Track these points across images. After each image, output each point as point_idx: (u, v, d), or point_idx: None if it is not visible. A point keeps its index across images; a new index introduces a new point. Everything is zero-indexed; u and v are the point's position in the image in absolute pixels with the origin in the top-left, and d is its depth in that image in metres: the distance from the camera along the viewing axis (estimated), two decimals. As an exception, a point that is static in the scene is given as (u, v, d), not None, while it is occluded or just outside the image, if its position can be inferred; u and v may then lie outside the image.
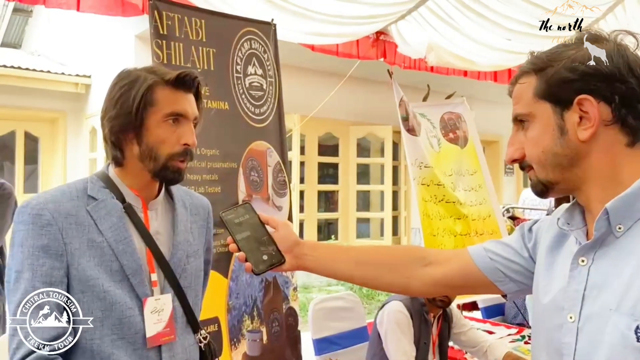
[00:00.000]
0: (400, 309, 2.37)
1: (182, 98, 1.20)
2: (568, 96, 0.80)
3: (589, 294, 0.80)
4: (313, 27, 3.16)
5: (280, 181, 2.50)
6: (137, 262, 1.16)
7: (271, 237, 1.06)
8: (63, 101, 6.00)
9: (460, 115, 3.58)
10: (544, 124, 0.83)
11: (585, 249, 0.82)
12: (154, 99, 1.16)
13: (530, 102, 0.84)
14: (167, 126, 1.18)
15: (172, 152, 1.18)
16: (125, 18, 2.68)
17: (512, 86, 0.90)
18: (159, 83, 1.18)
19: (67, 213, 1.11)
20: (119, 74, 1.23)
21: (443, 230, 3.13)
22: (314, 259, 1.09)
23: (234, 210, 1.08)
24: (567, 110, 0.81)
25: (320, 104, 4.58)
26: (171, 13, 2.07)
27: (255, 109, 2.42)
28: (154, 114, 1.17)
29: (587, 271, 0.81)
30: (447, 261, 1.07)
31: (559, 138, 0.81)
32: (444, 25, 3.58)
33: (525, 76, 0.86)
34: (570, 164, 0.82)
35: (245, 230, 1.05)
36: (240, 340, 2.22)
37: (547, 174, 0.84)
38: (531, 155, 0.85)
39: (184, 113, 1.19)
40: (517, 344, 2.89)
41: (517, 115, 0.87)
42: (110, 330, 1.12)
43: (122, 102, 1.16)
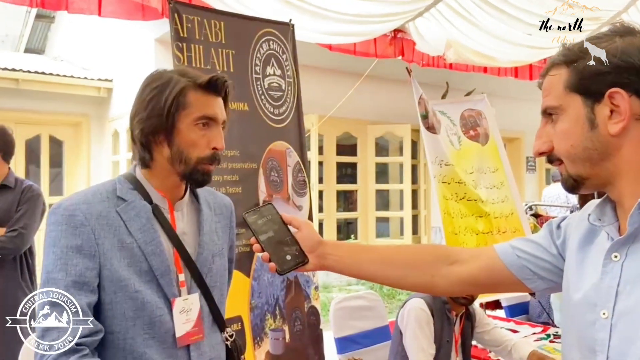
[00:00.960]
0: (421, 306, 2.36)
1: (212, 101, 1.20)
2: (599, 89, 0.79)
3: (623, 290, 0.79)
4: (330, 26, 3.17)
5: (300, 181, 2.52)
6: (165, 263, 1.17)
7: (294, 237, 1.06)
8: (86, 105, 6.11)
9: (481, 112, 3.55)
10: (574, 117, 0.82)
11: (618, 244, 0.81)
12: (186, 102, 1.17)
13: (561, 94, 0.83)
14: (197, 129, 1.18)
15: (202, 156, 1.19)
16: (145, 22, 2.73)
17: (542, 78, 0.88)
18: (191, 86, 1.18)
19: (98, 214, 1.13)
20: (150, 75, 1.24)
21: (465, 228, 3.11)
22: (337, 258, 1.09)
23: (257, 211, 1.08)
24: (598, 103, 0.80)
25: (338, 104, 4.58)
26: (191, 16, 2.09)
27: (274, 110, 2.44)
28: (185, 117, 1.17)
29: (620, 267, 0.80)
30: (473, 259, 1.06)
31: (589, 132, 0.80)
32: (462, 22, 3.55)
33: (556, 68, 0.85)
34: (600, 158, 0.80)
35: (268, 231, 1.05)
36: (263, 338, 2.24)
37: (578, 168, 0.82)
38: (560, 149, 0.84)
39: (214, 117, 1.20)
40: (542, 343, 2.85)
41: (546, 108, 0.86)
42: (142, 330, 1.14)
43: (154, 104, 1.17)
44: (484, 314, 2.71)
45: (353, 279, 7.24)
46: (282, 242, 1.05)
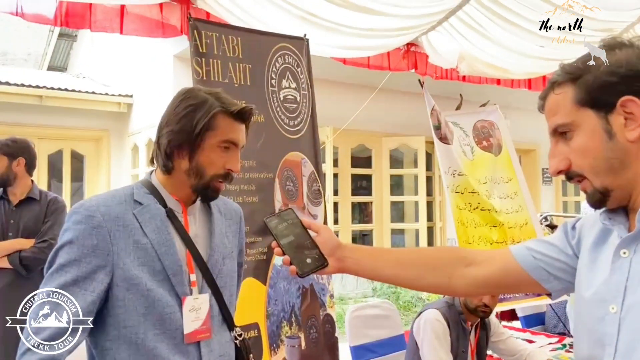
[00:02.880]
0: (437, 317, 2.37)
1: (237, 128, 1.30)
2: (611, 99, 0.81)
3: (631, 285, 0.80)
4: (344, 41, 3.23)
5: (314, 190, 2.56)
6: (178, 263, 1.24)
7: (314, 241, 1.09)
8: (106, 120, 6.24)
9: (494, 123, 3.57)
10: (590, 130, 0.83)
11: (627, 241, 0.83)
12: (215, 125, 1.26)
13: (571, 111, 0.84)
14: (219, 150, 1.27)
15: (217, 174, 1.28)
16: (165, 39, 2.82)
17: (542, 100, 0.90)
18: (223, 112, 1.27)
19: (115, 216, 1.21)
20: (187, 91, 1.33)
21: (479, 238, 3.12)
22: (356, 261, 1.11)
23: (278, 216, 1.11)
24: (610, 113, 0.82)
25: (352, 116, 4.63)
26: (209, 32, 2.18)
27: (289, 121, 2.50)
28: (211, 138, 1.26)
29: (629, 263, 0.82)
30: (489, 261, 1.08)
31: (608, 142, 0.82)
32: (475, 34, 3.58)
33: (559, 87, 0.86)
34: (621, 167, 0.82)
35: (289, 235, 1.08)
36: (279, 345, 2.27)
37: (602, 180, 0.83)
38: (582, 165, 0.84)
39: (236, 142, 1.30)
40: (558, 353, 2.83)
41: (557, 127, 0.86)
42: (153, 326, 1.20)
43: (187, 121, 1.26)
44: (498, 324, 2.71)
45: (369, 292, 7.23)
46: (303, 246, 1.08)
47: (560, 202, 8.84)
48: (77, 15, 2.52)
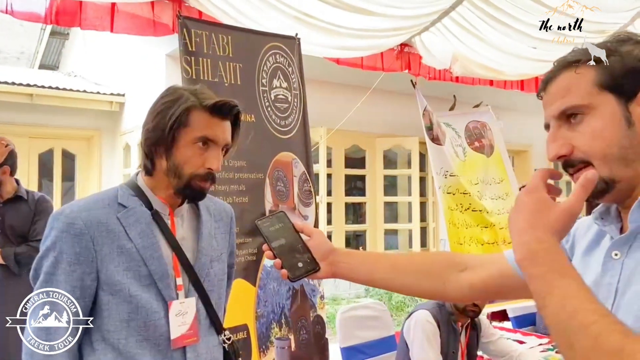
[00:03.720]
0: (428, 318, 2.37)
1: (216, 124, 1.24)
2: (633, 87, 0.78)
3: (622, 287, 0.79)
4: (338, 41, 3.23)
5: (305, 191, 2.55)
6: (164, 267, 1.21)
7: (306, 245, 1.07)
8: (98, 119, 6.20)
9: (486, 124, 3.57)
10: (609, 115, 0.79)
11: (620, 242, 0.81)
12: (189, 121, 1.21)
13: (589, 93, 0.80)
14: (195, 148, 1.22)
15: (195, 173, 1.23)
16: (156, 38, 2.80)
17: (549, 80, 0.84)
18: (197, 107, 1.22)
19: (98, 221, 1.18)
20: (167, 89, 1.29)
21: (470, 238, 3.12)
22: (349, 266, 1.09)
23: (269, 218, 1.09)
24: (630, 102, 0.79)
25: (346, 117, 4.63)
26: (199, 30, 2.16)
27: (280, 121, 2.49)
28: (185, 135, 1.21)
29: (620, 265, 0.80)
30: (484, 266, 1.06)
31: (626, 130, 0.78)
32: (468, 36, 3.59)
33: (576, 67, 0.81)
34: (635, 158, 0.79)
35: (280, 238, 1.06)
36: (268, 347, 2.26)
37: (611, 169, 0.79)
38: (591, 150, 0.79)
39: (214, 139, 1.23)
40: (549, 354, 2.83)
41: (568, 108, 0.81)
42: (136, 332, 1.18)
43: (160, 118, 1.22)
44: (489, 324, 2.71)
45: (362, 292, 7.22)
46: (294, 249, 1.06)
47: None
48: (67, 13, 2.50)
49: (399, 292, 1.23)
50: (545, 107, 0.86)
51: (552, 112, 0.83)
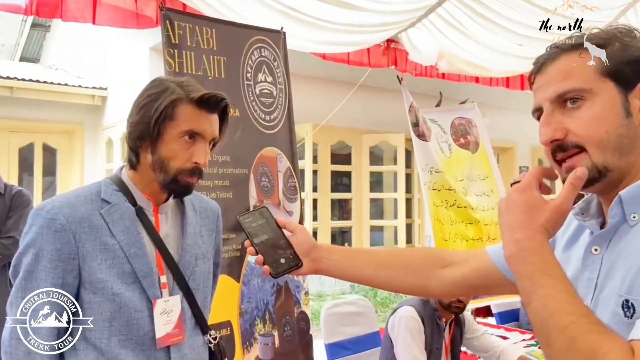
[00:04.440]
0: (412, 314, 2.37)
1: (203, 118, 1.20)
2: (633, 78, 0.78)
3: (601, 282, 0.79)
4: (324, 36, 3.20)
5: (290, 187, 2.53)
6: (148, 265, 1.19)
7: (288, 241, 1.06)
8: (80, 113, 6.11)
9: (471, 121, 3.58)
10: (609, 102, 0.78)
11: (599, 238, 0.81)
12: (175, 114, 1.18)
13: (591, 78, 0.78)
14: (182, 142, 1.19)
15: (182, 168, 1.19)
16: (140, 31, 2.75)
17: (547, 61, 0.83)
18: (183, 99, 1.19)
19: (81, 217, 1.15)
20: (151, 81, 1.25)
21: (455, 235, 3.13)
22: (332, 262, 1.08)
23: (252, 214, 1.08)
24: (629, 92, 0.78)
25: (332, 113, 4.61)
26: (182, 23, 2.12)
27: (265, 116, 2.46)
28: (171, 128, 1.18)
29: (600, 260, 0.80)
30: (466, 261, 1.06)
31: (625, 119, 0.77)
32: (454, 32, 3.59)
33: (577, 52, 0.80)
34: (629, 148, 0.78)
35: (262, 234, 1.05)
36: (252, 343, 2.24)
37: (606, 157, 0.78)
38: (588, 136, 0.78)
39: (200, 132, 1.20)
40: (532, 349, 2.85)
41: (568, 91, 0.79)
42: (119, 331, 1.16)
43: (145, 111, 1.19)
44: (473, 320, 2.72)
45: (347, 288, 7.23)
46: (277, 246, 1.05)
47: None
48: (48, 4, 2.43)
49: (382, 288, 1.23)
50: (539, 90, 0.84)
51: (549, 94, 0.81)
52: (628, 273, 0.74)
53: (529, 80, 0.89)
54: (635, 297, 0.71)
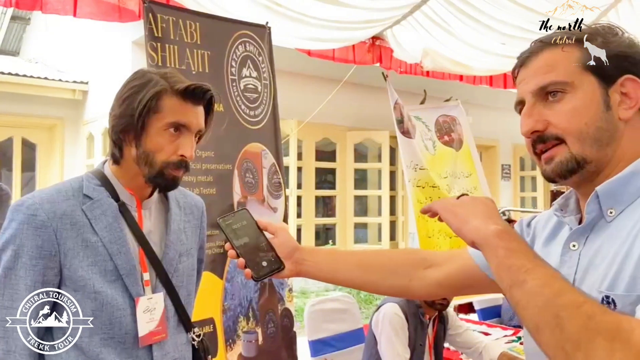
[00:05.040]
0: (396, 311, 2.37)
1: (188, 109, 1.18)
2: (613, 73, 0.80)
3: (579, 277, 0.80)
4: (309, 32, 3.19)
5: (275, 183, 2.52)
6: (131, 263, 1.16)
7: (270, 243, 1.05)
8: (60, 108, 6.00)
9: (455, 118, 3.61)
10: (590, 95, 0.80)
11: (577, 233, 0.82)
12: (159, 106, 1.15)
13: (573, 71, 0.80)
14: (167, 135, 1.17)
15: (168, 161, 1.17)
16: (122, 24, 2.70)
17: (531, 55, 0.84)
18: (168, 91, 1.16)
19: (62, 213, 1.12)
20: (134, 72, 1.22)
21: (438, 231, 3.15)
22: (314, 264, 1.08)
23: (232, 216, 1.06)
24: (610, 87, 0.80)
25: (317, 109, 4.60)
26: (165, 16, 2.09)
27: (250, 111, 2.44)
28: (156, 121, 1.16)
29: (578, 255, 0.81)
30: (448, 262, 1.07)
31: (604, 112, 0.79)
32: (439, 30, 3.60)
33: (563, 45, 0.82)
34: (608, 142, 0.79)
35: (243, 237, 1.03)
36: (235, 341, 2.22)
37: (584, 148, 0.79)
38: (568, 127, 0.80)
39: (186, 124, 1.18)
40: (513, 345, 2.89)
41: (550, 84, 0.81)
42: (100, 330, 1.13)
43: (128, 103, 1.16)
44: (456, 317, 2.74)
45: (331, 285, 7.24)
46: (258, 248, 1.03)
47: (518, 197, 9.08)
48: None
49: (365, 290, 1.22)
50: (522, 82, 0.86)
51: (531, 87, 0.83)
52: (609, 270, 0.75)
53: (513, 74, 0.90)
54: (616, 293, 0.72)
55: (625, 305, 0.70)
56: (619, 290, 0.72)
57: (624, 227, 0.76)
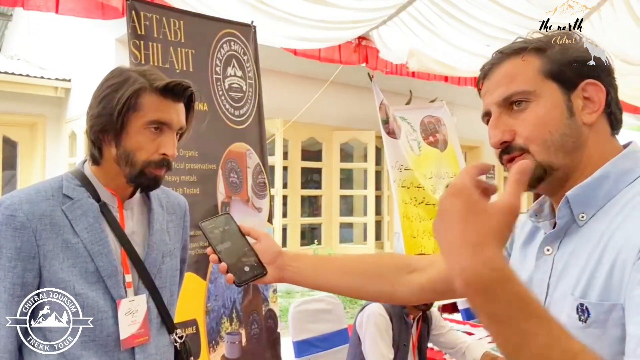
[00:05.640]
0: (380, 312, 2.37)
1: (169, 107, 1.16)
2: (574, 79, 0.80)
3: (553, 282, 0.81)
4: (295, 31, 3.18)
5: (259, 183, 2.50)
6: (113, 264, 1.14)
7: (252, 249, 1.04)
8: (42, 105, 5.92)
9: (440, 119, 3.62)
10: (552, 103, 0.80)
11: (550, 238, 0.83)
12: (139, 104, 1.13)
13: (534, 80, 0.81)
14: (148, 133, 1.15)
15: (149, 160, 1.16)
16: (106, 22, 2.67)
17: (492, 66, 0.84)
18: (147, 89, 1.14)
19: (41, 214, 1.10)
20: (111, 71, 1.20)
21: (423, 232, 3.16)
22: (297, 270, 1.07)
23: (214, 220, 1.05)
24: (572, 93, 0.80)
25: (303, 109, 4.60)
26: (149, 13, 2.06)
27: (234, 111, 2.42)
28: (136, 119, 1.14)
29: (552, 260, 0.82)
30: (431, 266, 1.07)
31: (568, 119, 0.80)
32: (424, 31, 3.62)
33: (520, 55, 0.82)
34: (573, 147, 0.80)
35: (225, 241, 1.02)
36: (218, 342, 2.21)
37: (550, 155, 0.80)
38: (533, 137, 0.80)
39: (167, 122, 1.16)
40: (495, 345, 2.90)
41: (513, 94, 0.81)
42: (81, 332, 1.11)
43: (107, 102, 1.13)
44: (439, 317, 2.75)
45: (316, 285, 7.23)
46: (240, 253, 1.03)
47: (502, 198, 9.16)
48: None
49: (349, 296, 1.21)
50: (487, 94, 0.86)
51: (495, 98, 0.83)
52: (582, 275, 0.75)
53: (477, 87, 0.91)
54: (590, 300, 0.72)
55: (599, 314, 0.71)
56: (592, 298, 0.72)
57: (596, 231, 0.77)
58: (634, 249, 0.69)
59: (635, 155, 0.81)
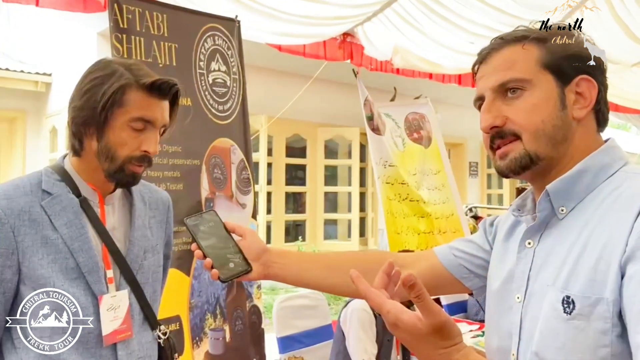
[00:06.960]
0: (364, 307, 2.38)
1: (154, 104, 1.15)
2: (570, 73, 0.82)
3: (533, 274, 0.82)
4: (280, 27, 3.17)
5: (244, 179, 2.49)
6: (94, 260, 1.13)
7: (237, 245, 1.04)
8: (22, 100, 5.82)
9: (424, 116, 3.64)
10: (546, 93, 0.81)
11: (532, 231, 0.84)
12: (124, 100, 1.12)
13: (532, 69, 0.82)
14: (130, 130, 1.14)
15: (131, 156, 1.15)
16: (87, 15, 2.63)
17: (492, 51, 0.85)
18: (133, 85, 1.13)
19: (20, 210, 1.08)
20: (97, 62, 1.18)
21: (407, 228, 3.18)
22: (282, 266, 1.07)
23: (199, 216, 1.05)
24: (566, 86, 0.82)
25: (287, 105, 4.58)
26: (131, 7, 2.03)
27: (218, 106, 2.41)
28: (120, 115, 1.12)
29: (532, 253, 0.83)
30: (416, 263, 1.08)
31: (560, 111, 0.81)
32: (409, 28, 3.63)
33: (519, 43, 0.83)
34: (562, 140, 0.81)
35: (210, 238, 1.02)
36: (202, 338, 2.20)
37: (539, 145, 0.81)
38: (525, 124, 0.81)
39: (152, 120, 1.15)
40: (479, 339, 2.94)
41: (509, 81, 0.82)
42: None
43: (90, 96, 1.12)
44: (423, 312, 2.78)
45: (301, 282, 7.23)
46: (225, 250, 1.03)
47: (485, 194, 9.28)
48: (-14, -17, 2.29)
49: (332, 293, 1.21)
50: (482, 78, 0.87)
51: (491, 83, 0.84)
52: (563, 267, 0.77)
53: (473, 70, 0.91)
54: (576, 293, 0.74)
55: (584, 307, 0.72)
56: (574, 290, 0.74)
57: (576, 225, 0.78)
58: (619, 245, 0.71)
59: (613, 150, 0.83)
